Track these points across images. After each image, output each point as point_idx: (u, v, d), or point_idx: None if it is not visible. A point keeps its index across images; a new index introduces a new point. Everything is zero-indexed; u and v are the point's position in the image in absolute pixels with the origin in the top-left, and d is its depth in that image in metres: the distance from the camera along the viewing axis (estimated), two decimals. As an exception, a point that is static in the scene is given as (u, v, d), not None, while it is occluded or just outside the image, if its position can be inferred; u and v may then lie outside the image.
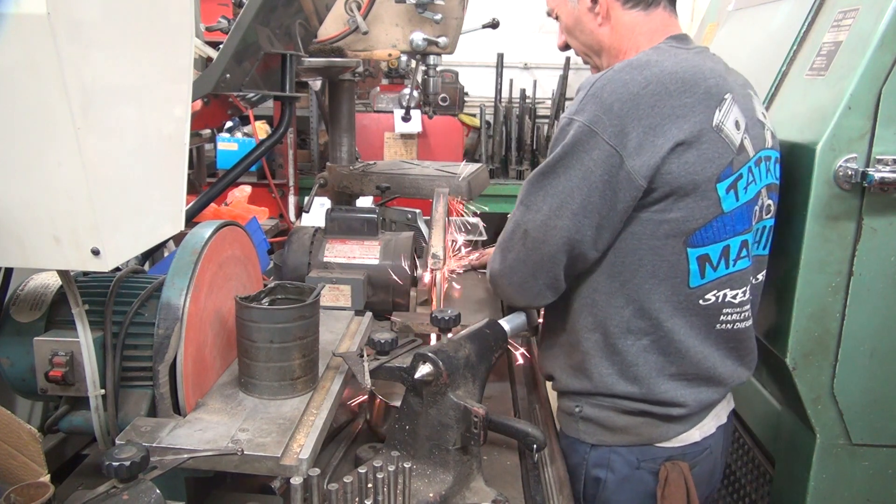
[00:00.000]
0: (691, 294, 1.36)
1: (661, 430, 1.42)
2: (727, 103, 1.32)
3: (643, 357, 1.39)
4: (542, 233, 1.35)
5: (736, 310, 1.42)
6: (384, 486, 0.98)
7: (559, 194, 1.32)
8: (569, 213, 1.31)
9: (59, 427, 1.17)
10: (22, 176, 0.88)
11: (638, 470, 1.43)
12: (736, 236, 1.36)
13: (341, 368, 1.31)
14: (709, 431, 1.46)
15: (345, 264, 1.86)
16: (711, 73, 1.33)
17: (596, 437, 1.46)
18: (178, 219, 1.12)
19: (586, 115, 1.29)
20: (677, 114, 1.27)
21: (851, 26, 1.56)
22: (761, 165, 1.40)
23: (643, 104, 1.26)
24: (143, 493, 0.87)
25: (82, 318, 1.07)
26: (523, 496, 1.34)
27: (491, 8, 3.23)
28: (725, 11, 2.42)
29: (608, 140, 1.27)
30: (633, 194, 1.29)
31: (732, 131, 1.32)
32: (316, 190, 2.21)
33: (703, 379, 1.42)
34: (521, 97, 5.34)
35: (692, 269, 1.34)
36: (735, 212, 1.34)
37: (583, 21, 1.50)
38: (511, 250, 1.41)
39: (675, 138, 1.26)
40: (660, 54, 1.35)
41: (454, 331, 1.44)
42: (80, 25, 0.84)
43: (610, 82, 1.29)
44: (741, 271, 1.40)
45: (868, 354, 1.59)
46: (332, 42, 1.93)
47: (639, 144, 1.26)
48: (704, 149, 1.28)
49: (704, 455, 1.46)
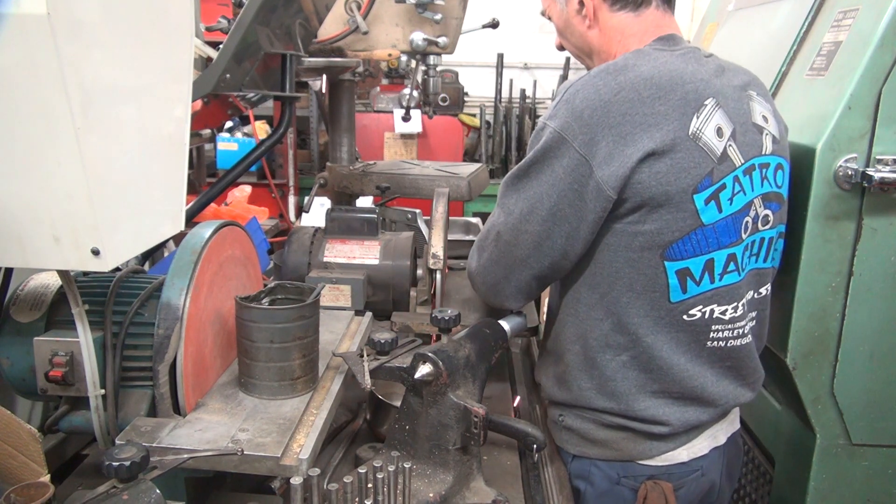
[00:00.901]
0: (673, 309, 1.30)
1: (642, 447, 1.37)
2: (707, 109, 1.25)
3: (622, 373, 1.34)
4: (513, 236, 1.34)
5: (727, 326, 1.35)
6: (384, 486, 0.98)
7: (530, 199, 1.30)
8: (538, 218, 1.29)
9: (59, 427, 1.17)
10: (22, 176, 0.88)
11: (618, 486, 1.39)
12: (721, 249, 1.29)
13: (341, 368, 1.31)
14: (699, 452, 1.39)
15: (345, 264, 1.86)
16: (692, 78, 1.27)
17: (577, 448, 1.43)
18: (178, 219, 1.12)
19: (558, 122, 1.26)
20: (649, 122, 1.22)
21: (851, 26, 1.56)
22: (753, 174, 1.32)
23: (614, 112, 1.22)
24: (143, 493, 0.87)
25: (82, 318, 1.07)
26: (523, 496, 1.34)
27: (491, 8, 3.23)
28: (725, 11, 2.42)
29: (578, 148, 1.23)
30: (604, 205, 1.24)
31: (712, 139, 1.25)
32: (316, 190, 2.21)
33: (690, 398, 1.36)
34: (521, 97, 5.35)
35: (671, 283, 1.28)
36: (718, 224, 1.27)
37: (572, 23, 1.47)
38: (485, 250, 1.41)
39: (645, 148, 1.21)
40: (639, 58, 1.30)
41: (454, 331, 1.44)
42: (80, 25, 0.84)
43: (583, 88, 1.26)
44: (729, 286, 1.33)
45: (868, 355, 1.58)
46: (332, 42, 1.93)
47: (608, 154, 1.22)
48: (679, 158, 1.22)
49: (694, 477, 1.39)
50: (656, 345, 1.32)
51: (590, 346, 1.36)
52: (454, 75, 5.24)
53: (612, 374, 1.35)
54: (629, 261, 1.29)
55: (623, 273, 1.30)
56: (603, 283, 1.32)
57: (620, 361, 1.34)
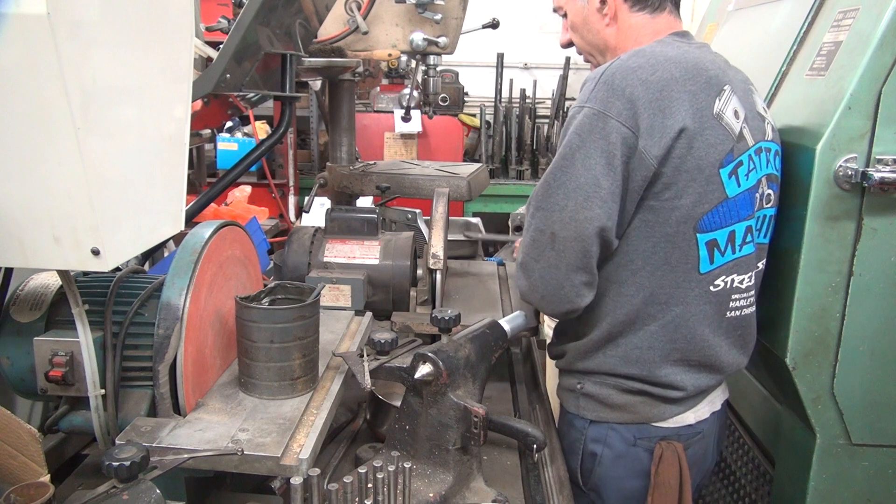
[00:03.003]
0: (702, 280, 1.39)
1: (657, 409, 1.45)
2: (726, 94, 1.36)
3: (648, 342, 1.42)
4: (572, 230, 1.33)
5: (743, 295, 1.46)
6: (384, 486, 0.98)
7: (583, 187, 1.31)
8: (598, 200, 1.31)
9: (59, 427, 1.17)
10: (22, 176, 0.88)
11: (634, 447, 1.47)
12: (741, 222, 1.39)
13: (341, 368, 1.31)
14: (703, 416, 1.49)
15: (345, 264, 1.86)
16: (712, 65, 1.38)
17: (595, 414, 1.49)
18: (178, 219, 1.12)
19: (598, 102, 1.32)
20: (683, 98, 1.31)
21: (851, 26, 1.56)
22: (761, 155, 1.44)
23: (652, 87, 1.30)
24: (143, 493, 0.87)
25: (82, 318, 1.07)
26: (523, 496, 1.34)
27: (491, 8, 3.23)
28: (725, 11, 2.42)
29: (623, 122, 1.30)
30: (644, 174, 1.31)
31: (732, 120, 1.36)
32: (316, 190, 2.21)
33: (705, 365, 1.45)
34: (521, 97, 5.34)
35: (702, 254, 1.37)
36: (738, 197, 1.37)
37: (590, 20, 1.54)
38: (539, 260, 1.38)
39: (681, 122, 1.30)
40: (664, 46, 1.40)
41: (454, 331, 1.44)
42: (80, 25, 0.84)
43: (619, 69, 1.33)
44: (746, 256, 1.43)
45: (868, 354, 1.58)
46: (332, 42, 1.93)
47: (650, 126, 1.30)
48: (707, 135, 1.32)
49: (697, 438, 1.49)
50: (684, 315, 1.40)
51: (618, 320, 1.42)
52: (454, 75, 5.23)
53: (638, 343, 1.42)
54: (666, 236, 1.35)
55: (659, 248, 1.36)
56: (637, 260, 1.38)
57: (648, 332, 1.41)
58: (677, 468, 1.44)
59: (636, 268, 1.39)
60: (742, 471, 2.06)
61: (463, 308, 1.51)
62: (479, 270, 2.30)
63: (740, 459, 2.07)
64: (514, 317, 1.54)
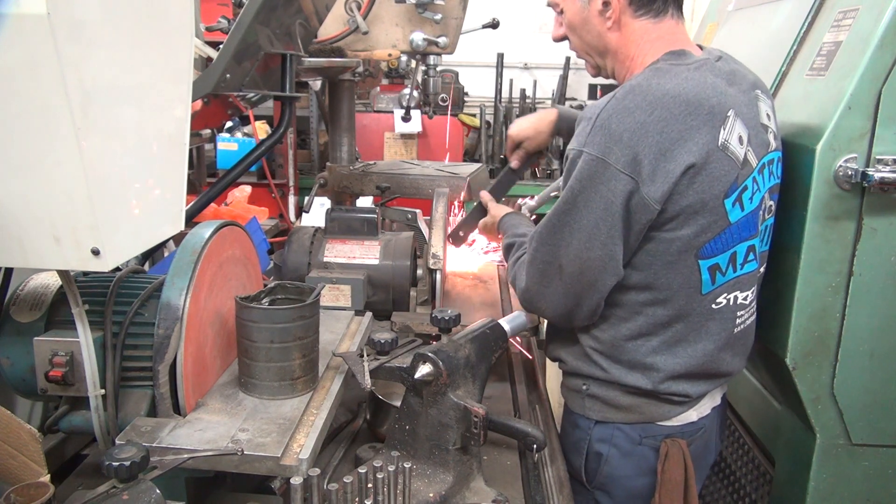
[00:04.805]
0: (704, 300, 1.40)
1: (662, 410, 1.47)
2: (730, 120, 1.33)
3: (651, 358, 1.43)
4: (577, 266, 1.37)
5: (747, 311, 1.48)
6: (384, 486, 0.98)
7: (585, 228, 1.34)
8: (598, 243, 1.34)
9: (59, 427, 1.17)
10: (22, 176, 0.88)
11: (640, 446, 1.49)
12: (742, 242, 1.40)
13: (341, 368, 1.31)
14: (704, 412, 1.52)
15: (345, 264, 1.86)
16: (713, 91, 1.33)
17: (601, 414, 1.50)
18: (178, 219, 1.12)
19: (597, 147, 1.30)
20: (685, 137, 1.28)
21: (851, 26, 1.56)
22: (764, 171, 1.43)
23: (651, 130, 1.28)
24: (143, 493, 0.87)
25: (82, 318, 1.07)
26: (523, 496, 1.34)
27: (491, 8, 3.22)
28: (725, 11, 2.41)
29: (622, 170, 1.28)
30: (648, 217, 1.32)
31: (737, 147, 1.34)
32: (316, 190, 2.21)
33: (710, 376, 1.48)
34: (521, 97, 5.34)
35: (704, 278, 1.38)
36: (741, 221, 1.37)
37: (591, 22, 1.50)
38: (549, 285, 1.42)
39: (685, 162, 1.28)
40: (660, 76, 1.34)
41: (454, 331, 1.44)
42: (80, 25, 0.84)
43: (615, 112, 1.30)
44: (748, 273, 1.44)
45: (868, 354, 1.58)
46: (332, 42, 1.93)
47: (652, 171, 1.28)
48: (712, 168, 1.30)
49: (700, 434, 1.52)
50: (689, 334, 1.42)
51: (621, 335, 1.44)
52: (454, 75, 5.23)
53: (641, 359, 1.43)
54: (667, 264, 1.37)
55: (661, 275, 1.38)
56: (639, 285, 1.40)
57: (651, 347, 1.43)
58: (682, 465, 1.46)
59: (639, 289, 1.40)
60: (742, 471, 2.06)
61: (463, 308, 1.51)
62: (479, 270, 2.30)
63: (740, 459, 2.07)
64: (514, 317, 1.54)
